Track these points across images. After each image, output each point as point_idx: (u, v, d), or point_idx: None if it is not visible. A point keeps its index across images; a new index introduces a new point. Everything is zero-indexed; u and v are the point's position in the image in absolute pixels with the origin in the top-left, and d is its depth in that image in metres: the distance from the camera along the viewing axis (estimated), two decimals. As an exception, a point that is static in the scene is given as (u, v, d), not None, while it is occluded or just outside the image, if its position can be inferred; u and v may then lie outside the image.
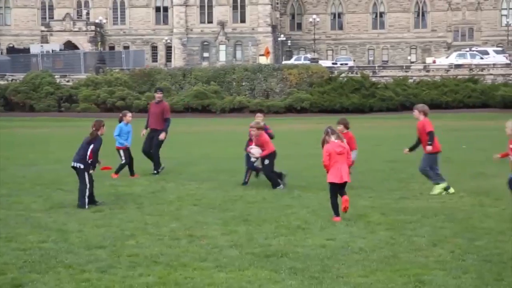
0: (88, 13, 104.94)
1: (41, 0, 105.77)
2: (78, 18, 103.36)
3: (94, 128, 14.20)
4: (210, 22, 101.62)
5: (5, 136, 39.74)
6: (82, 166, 13.96)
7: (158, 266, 8.83)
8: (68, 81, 71.50)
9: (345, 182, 12.12)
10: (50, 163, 23.02)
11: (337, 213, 11.99)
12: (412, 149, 15.75)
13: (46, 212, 13.01)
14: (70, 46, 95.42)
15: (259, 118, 17.65)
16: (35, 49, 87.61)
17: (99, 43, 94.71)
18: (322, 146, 12.28)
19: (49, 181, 17.76)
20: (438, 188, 15.19)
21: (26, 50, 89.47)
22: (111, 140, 17.85)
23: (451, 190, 15.16)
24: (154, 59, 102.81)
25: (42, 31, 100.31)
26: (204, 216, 12.47)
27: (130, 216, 12.57)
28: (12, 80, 72.20)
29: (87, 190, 13.74)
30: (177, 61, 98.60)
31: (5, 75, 73.89)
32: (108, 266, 8.80)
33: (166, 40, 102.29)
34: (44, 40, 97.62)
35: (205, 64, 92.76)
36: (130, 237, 10.61)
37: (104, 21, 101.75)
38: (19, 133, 39.90)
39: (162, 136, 19.12)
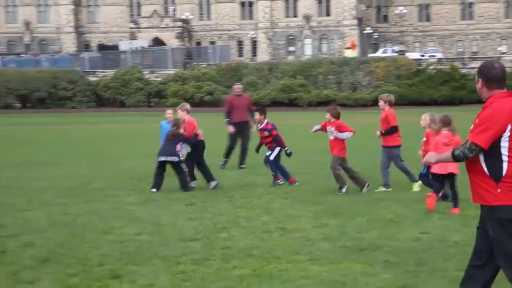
0: (174, 10, 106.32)
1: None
2: (165, 14, 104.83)
3: (175, 127, 14.96)
4: (295, 16, 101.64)
5: (96, 131, 40.67)
6: (176, 159, 14.94)
7: (251, 258, 8.87)
8: (156, 77, 72.64)
9: (452, 174, 12.05)
10: (142, 157, 23.42)
11: (455, 205, 11.93)
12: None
13: (140, 205, 13.25)
14: (157, 42, 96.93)
15: None
16: (124, 45, 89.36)
17: (186, 39, 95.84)
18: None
19: (142, 174, 18.07)
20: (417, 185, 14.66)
21: (115, 47, 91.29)
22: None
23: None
24: (240, 53, 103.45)
25: (130, 28, 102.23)
26: (295, 209, 12.47)
27: (222, 209, 12.68)
28: (102, 76, 73.83)
29: (187, 177, 15.01)
30: (263, 55, 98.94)
31: (96, 71, 75.62)
32: (203, 258, 8.89)
33: (252, 35, 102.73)
34: (133, 36, 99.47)
35: (290, 58, 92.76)
36: (222, 230, 10.70)
37: (191, 17, 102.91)
38: (110, 128, 40.70)
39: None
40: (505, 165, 5.61)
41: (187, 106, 16.24)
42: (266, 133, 16.06)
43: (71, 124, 49.29)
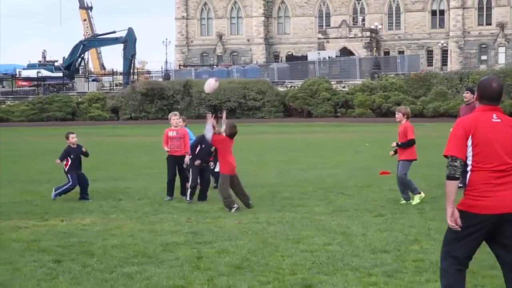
0: (363, 19, 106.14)
1: (319, 9, 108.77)
2: (353, 24, 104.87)
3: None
4: (488, 24, 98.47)
5: (284, 141, 41.27)
6: None
7: (445, 273, 8.63)
8: (344, 87, 72.70)
9: None
10: (329, 167, 23.50)
11: None
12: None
13: (329, 215, 13.28)
14: (345, 52, 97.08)
15: None
16: (312, 56, 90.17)
17: (374, 48, 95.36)
18: None
19: (330, 185, 18.13)
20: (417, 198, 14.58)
21: (304, 58, 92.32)
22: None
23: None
24: (429, 63, 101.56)
25: (319, 38, 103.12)
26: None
27: (412, 221, 12.45)
28: (291, 86, 74.85)
29: None
30: (453, 64, 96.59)
31: (284, 82, 76.80)
32: (394, 270, 8.77)
33: (442, 44, 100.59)
34: (321, 47, 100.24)
35: (483, 67, 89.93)
36: (413, 242, 10.52)
37: (380, 26, 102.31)
38: (297, 139, 41.18)
39: None
40: (468, 174, 6.16)
41: None
42: None
43: (259, 133, 50.34)
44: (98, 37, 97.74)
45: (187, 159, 16.17)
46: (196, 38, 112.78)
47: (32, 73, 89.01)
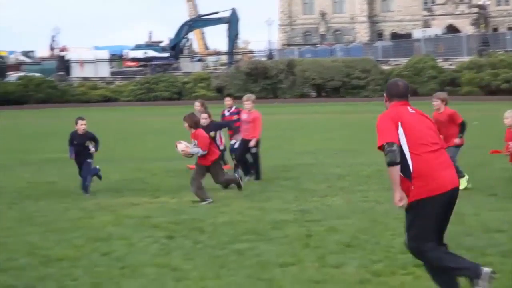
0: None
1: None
2: (460, 1, 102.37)
3: None
4: None
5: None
6: None
7: None
8: (450, 65, 71.18)
9: None
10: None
11: None
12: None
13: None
14: (451, 29, 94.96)
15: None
16: (417, 34, 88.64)
17: (482, 25, 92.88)
18: None
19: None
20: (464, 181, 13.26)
21: (408, 36, 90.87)
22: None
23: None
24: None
25: (424, 15, 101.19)
26: None
27: (526, 201, 12.11)
28: (395, 65, 73.82)
29: None
30: None
31: (389, 60, 75.81)
32: (509, 250, 8.55)
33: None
34: (426, 24, 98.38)
35: None
36: (528, 223, 10.23)
37: (488, 2, 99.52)
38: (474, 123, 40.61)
39: None
40: (410, 162, 6.38)
41: None
42: None
43: (364, 112, 49.88)
44: (202, 17, 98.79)
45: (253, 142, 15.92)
46: (299, 17, 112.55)
47: (139, 54, 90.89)
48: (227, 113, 17.28)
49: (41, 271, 8.13)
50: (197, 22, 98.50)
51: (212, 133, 13.72)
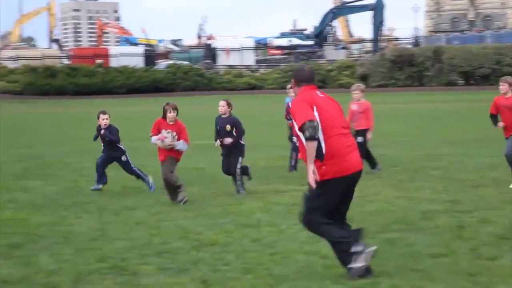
0: None
1: None
2: None
3: None
4: None
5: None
6: None
7: None
8: None
9: None
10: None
11: None
12: None
13: None
14: None
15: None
16: None
17: None
18: None
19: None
20: None
21: None
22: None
23: None
24: None
25: None
26: None
27: None
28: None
29: None
30: None
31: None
32: None
33: None
34: None
35: None
36: None
37: None
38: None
39: None
40: (323, 144, 6.79)
41: None
42: None
43: None
44: (347, 4, 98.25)
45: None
46: (446, 3, 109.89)
47: (284, 42, 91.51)
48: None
49: (193, 255, 8.32)
50: (342, 9, 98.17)
51: (228, 126, 13.17)
